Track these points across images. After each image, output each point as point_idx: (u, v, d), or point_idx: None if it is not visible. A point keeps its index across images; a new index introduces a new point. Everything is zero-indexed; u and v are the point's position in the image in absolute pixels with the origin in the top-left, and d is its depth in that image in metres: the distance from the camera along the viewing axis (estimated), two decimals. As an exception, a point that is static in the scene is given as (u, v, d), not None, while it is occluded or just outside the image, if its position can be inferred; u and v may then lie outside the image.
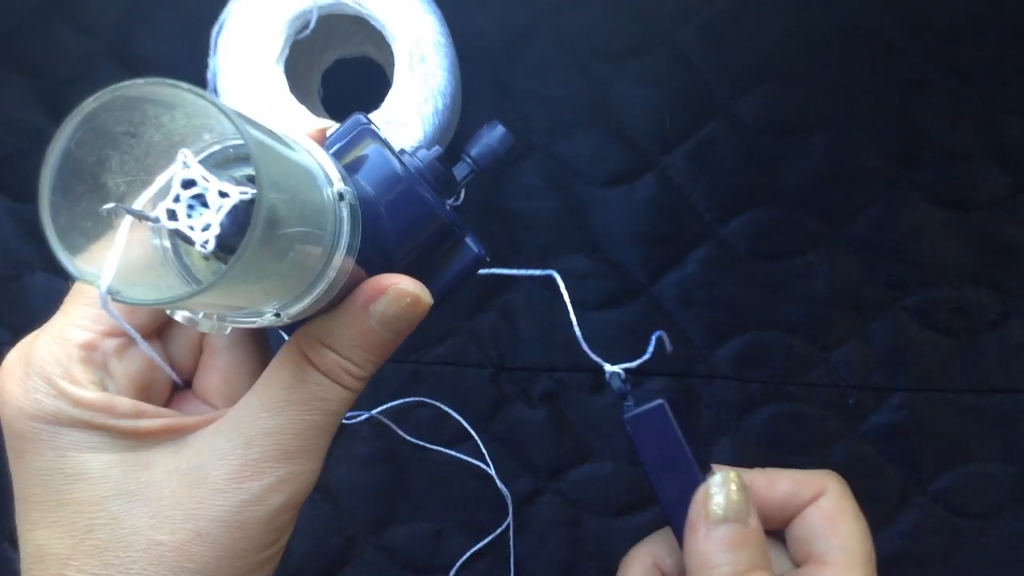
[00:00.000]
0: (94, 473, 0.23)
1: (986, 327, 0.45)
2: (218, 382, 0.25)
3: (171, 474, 0.23)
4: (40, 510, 0.23)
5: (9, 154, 0.47)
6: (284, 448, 0.23)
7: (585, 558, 0.45)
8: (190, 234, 0.19)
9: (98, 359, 0.24)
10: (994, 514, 0.44)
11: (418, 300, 0.24)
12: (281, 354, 0.24)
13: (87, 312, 0.24)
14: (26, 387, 0.23)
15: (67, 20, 0.47)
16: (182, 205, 0.19)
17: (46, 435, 0.23)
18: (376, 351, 0.24)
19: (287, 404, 0.23)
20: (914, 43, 0.45)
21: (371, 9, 0.39)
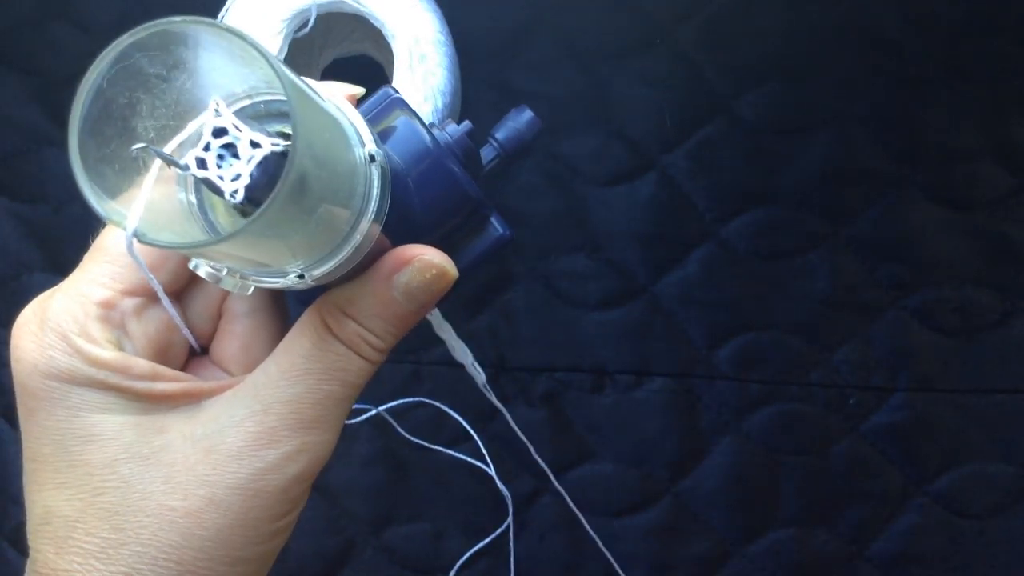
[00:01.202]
0: (106, 435, 0.22)
1: (987, 327, 0.45)
2: (236, 348, 0.25)
3: (186, 439, 0.22)
4: (49, 470, 0.23)
5: (8, 154, 0.47)
6: (301, 417, 0.23)
7: (585, 558, 0.45)
8: (219, 183, 0.18)
9: (116, 318, 0.23)
10: (994, 514, 0.44)
11: (444, 272, 0.23)
12: (301, 322, 0.24)
13: (107, 270, 0.23)
14: (40, 343, 0.22)
15: (66, 20, 0.47)
16: (212, 154, 0.18)
17: (59, 393, 0.22)
18: (398, 323, 0.24)
19: (306, 373, 0.23)
20: (916, 42, 0.45)
21: (370, 7, 0.39)
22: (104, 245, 0.24)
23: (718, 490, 0.45)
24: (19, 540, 0.46)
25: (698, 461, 0.45)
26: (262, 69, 0.18)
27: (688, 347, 0.45)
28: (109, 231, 0.24)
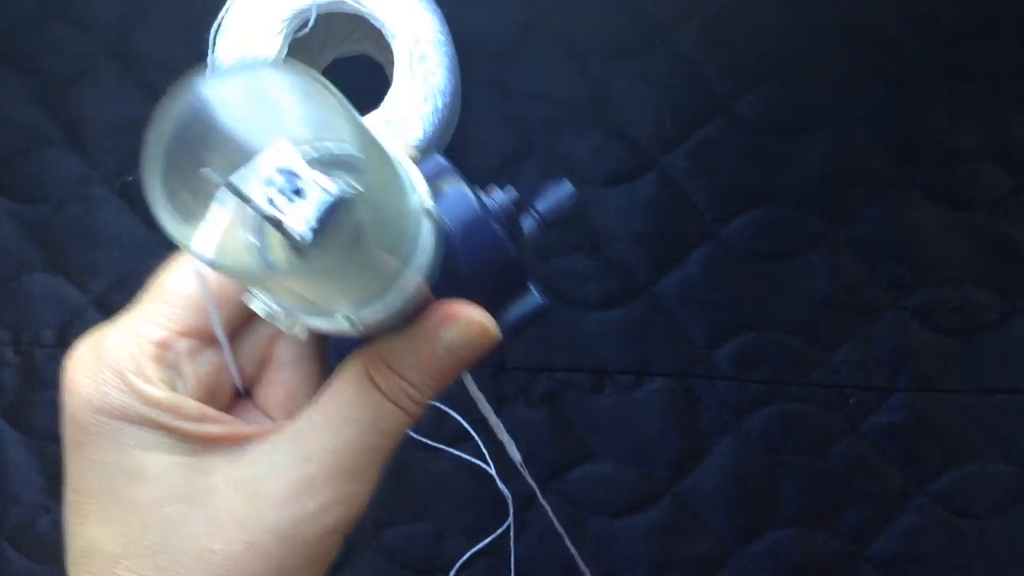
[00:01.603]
0: (154, 473, 0.23)
1: (987, 327, 0.45)
2: (280, 395, 0.25)
3: (229, 483, 0.23)
4: (94, 505, 0.23)
5: (8, 154, 0.47)
6: (342, 467, 0.23)
7: (585, 559, 0.45)
8: (284, 223, 0.18)
9: (171, 358, 0.24)
10: (994, 514, 0.44)
11: (487, 331, 0.24)
12: (344, 371, 0.24)
13: (165, 310, 0.24)
14: (95, 379, 0.23)
15: (66, 19, 0.47)
16: (278, 194, 0.19)
17: (110, 429, 0.23)
18: (438, 377, 0.24)
19: (348, 423, 0.23)
20: (916, 42, 0.45)
21: (370, 7, 0.39)
22: (163, 285, 0.24)
23: (718, 490, 0.45)
24: (19, 540, 0.46)
25: (698, 461, 0.45)
26: (331, 115, 0.19)
27: (688, 347, 0.45)
28: (168, 272, 0.24)
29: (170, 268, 0.24)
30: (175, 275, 0.24)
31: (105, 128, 0.46)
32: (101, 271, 0.46)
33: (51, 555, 0.46)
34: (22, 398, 0.46)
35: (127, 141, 0.46)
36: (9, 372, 0.46)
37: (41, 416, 0.46)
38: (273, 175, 0.19)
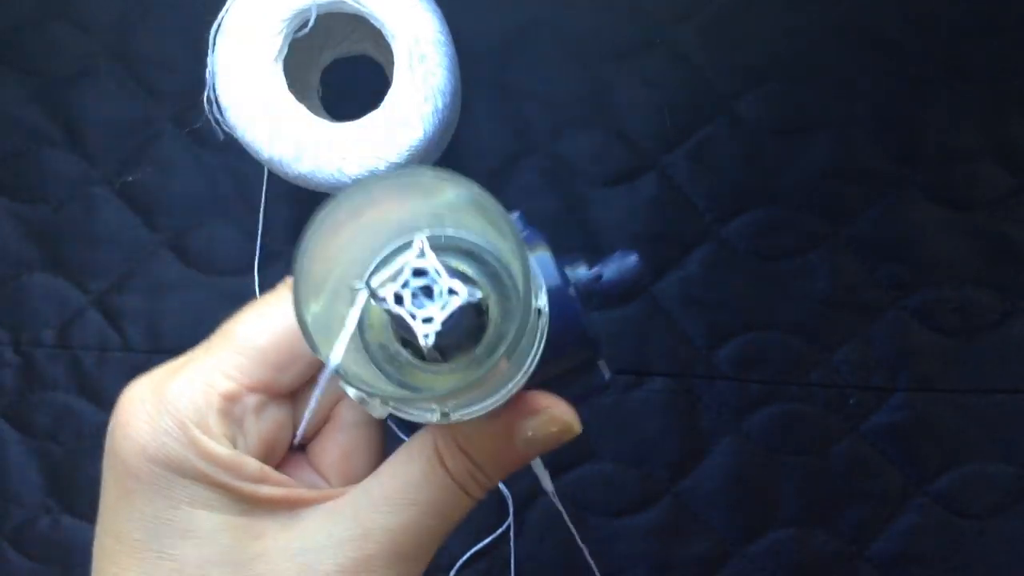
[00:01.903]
0: (203, 533, 0.21)
1: (987, 327, 0.45)
2: (337, 456, 0.24)
3: (281, 552, 0.22)
4: (134, 558, 0.21)
5: (8, 154, 0.47)
6: (399, 549, 0.22)
7: (585, 560, 0.45)
8: (412, 323, 0.18)
9: (237, 413, 0.22)
10: (994, 514, 0.44)
11: (569, 429, 0.23)
12: (412, 448, 0.23)
13: (235, 361, 0.22)
14: (155, 427, 0.21)
15: (66, 19, 0.47)
16: (408, 292, 0.19)
17: (163, 482, 0.21)
18: (510, 467, 0.23)
19: (411, 504, 0.22)
20: (916, 42, 0.45)
21: (370, 7, 0.39)
22: (235, 334, 0.23)
23: (718, 490, 0.45)
24: (19, 541, 0.46)
25: (698, 461, 0.45)
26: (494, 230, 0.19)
27: (688, 347, 0.45)
28: (240, 320, 0.23)
29: (242, 315, 0.23)
30: (247, 324, 0.23)
31: (105, 128, 0.47)
32: (101, 271, 0.46)
33: (51, 555, 0.46)
34: (22, 398, 0.47)
35: (127, 141, 0.47)
36: (9, 372, 0.47)
37: (41, 416, 0.46)
38: (408, 274, 0.19)
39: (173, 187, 0.46)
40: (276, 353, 0.23)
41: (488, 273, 0.20)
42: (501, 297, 0.20)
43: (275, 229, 0.46)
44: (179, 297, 0.46)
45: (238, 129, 0.40)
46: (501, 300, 0.20)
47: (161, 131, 0.46)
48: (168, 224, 0.46)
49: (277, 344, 0.22)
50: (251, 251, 0.46)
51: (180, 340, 0.46)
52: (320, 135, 0.39)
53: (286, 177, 0.40)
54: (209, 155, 0.46)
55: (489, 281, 0.20)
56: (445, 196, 0.20)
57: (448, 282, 0.19)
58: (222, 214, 0.46)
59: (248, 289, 0.46)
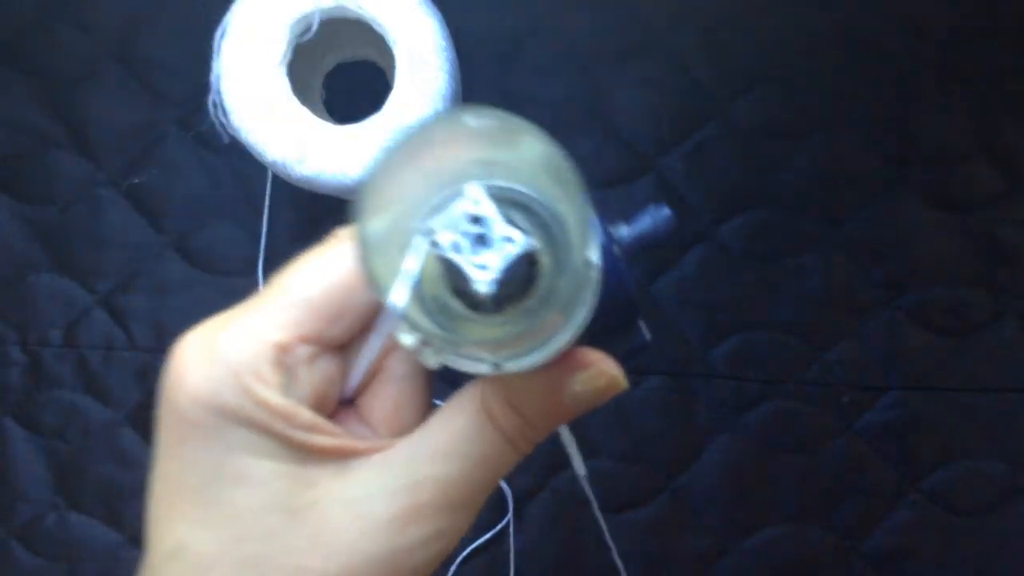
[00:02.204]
0: (258, 480, 0.21)
1: (979, 327, 0.45)
2: (387, 409, 0.24)
3: (334, 499, 0.22)
4: (189, 504, 0.22)
5: (15, 156, 0.47)
6: (450, 499, 0.22)
7: (584, 555, 0.45)
8: (469, 270, 0.18)
9: (290, 363, 0.22)
10: (987, 511, 0.45)
11: (616, 384, 0.23)
12: (461, 400, 0.23)
13: (289, 313, 0.22)
14: (209, 375, 0.21)
15: (70, 21, 0.47)
16: (464, 240, 0.19)
17: (218, 429, 0.21)
18: (556, 421, 0.23)
19: (461, 456, 0.22)
20: (909, 45, 0.46)
21: (373, 13, 0.39)
22: (287, 286, 0.23)
23: (715, 486, 0.45)
24: (27, 537, 0.47)
25: (695, 458, 0.45)
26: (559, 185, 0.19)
27: (685, 346, 0.46)
28: (292, 272, 0.23)
29: (293, 268, 0.23)
30: (299, 276, 0.23)
31: (110, 130, 0.47)
32: (107, 271, 0.47)
33: (58, 552, 0.47)
34: (29, 397, 0.47)
35: (133, 144, 0.47)
36: (16, 371, 0.47)
37: (48, 415, 0.47)
38: (463, 222, 0.19)
39: (178, 189, 0.47)
40: (328, 305, 0.23)
41: (539, 224, 0.20)
42: (552, 249, 0.20)
43: (279, 230, 0.46)
44: (184, 297, 0.47)
45: (242, 132, 0.40)
46: (552, 252, 0.20)
47: (166, 134, 0.47)
48: (173, 225, 0.47)
49: (329, 296, 0.22)
50: (255, 252, 0.46)
51: (185, 339, 0.46)
52: (323, 138, 0.39)
53: (289, 179, 0.41)
54: (214, 157, 0.46)
55: (540, 232, 0.20)
56: (512, 143, 0.20)
57: (505, 230, 0.19)
58: (226, 215, 0.46)
59: (252, 289, 0.46)
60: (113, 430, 0.47)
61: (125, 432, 0.47)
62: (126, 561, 0.46)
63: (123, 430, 0.47)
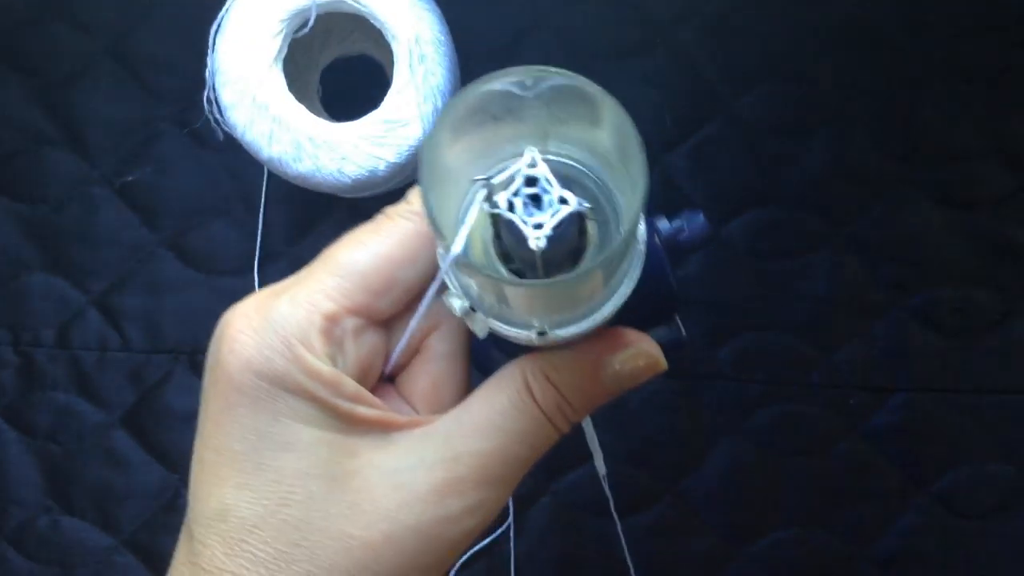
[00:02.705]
0: (302, 446, 0.22)
1: (987, 327, 0.45)
2: (427, 386, 0.25)
3: (375, 469, 0.22)
4: (234, 468, 0.22)
5: (7, 153, 0.47)
6: (488, 473, 0.23)
7: (585, 559, 0.45)
8: (523, 228, 0.19)
9: (337, 334, 0.23)
10: (994, 514, 0.44)
11: (656, 364, 0.23)
12: (501, 378, 0.24)
13: (338, 284, 0.23)
14: (260, 342, 0.22)
15: (65, 19, 0.47)
16: (520, 200, 0.19)
17: (266, 395, 0.22)
18: (596, 400, 0.24)
19: (500, 431, 0.23)
20: (916, 42, 0.45)
21: (371, 7, 0.39)
22: (337, 259, 0.24)
23: (719, 489, 0.45)
24: (19, 540, 0.46)
25: (699, 461, 0.45)
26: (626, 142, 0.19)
27: (690, 347, 0.45)
28: (342, 245, 0.24)
29: (344, 241, 0.24)
30: (349, 249, 0.24)
31: (104, 128, 0.47)
32: (101, 271, 0.46)
33: (50, 555, 0.46)
34: (22, 398, 0.47)
35: (127, 141, 0.47)
36: (9, 372, 0.47)
37: (41, 416, 0.46)
38: (520, 182, 0.19)
39: (173, 187, 0.46)
40: (376, 278, 0.23)
41: (588, 198, 0.21)
42: (599, 221, 0.21)
43: (275, 229, 0.46)
44: (179, 297, 0.46)
45: (238, 129, 0.40)
46: (599, 224, 0.21)
47: (161, 131, 0.46)
48: (168, 224, 0.46)
49: (378, 270, 0.23)
50: (251, 251, 0.46)
51: (180, 339, 0.46)
52: (320, 135, 0.39)
53: (286, 177, 0.40)
54: (209, 155, 0.46)
55: (589, 203, 0.21)
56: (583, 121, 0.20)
57: (559, 191, 0.19)
58: (222, 214, 0.46)
59: (248, 289, 0.45)
60: (106, 432, 0.46)
61: (118, 434, 0.46)
62: (119, 564, 0.46)
63: (116, 432, 0.46)
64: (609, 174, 0.21)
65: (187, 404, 0.46)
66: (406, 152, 0.39)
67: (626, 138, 0.20)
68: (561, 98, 0.20)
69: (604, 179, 0.21)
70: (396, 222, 0.24)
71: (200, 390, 0.23)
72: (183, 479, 0.46)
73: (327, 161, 0.39)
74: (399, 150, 0.39)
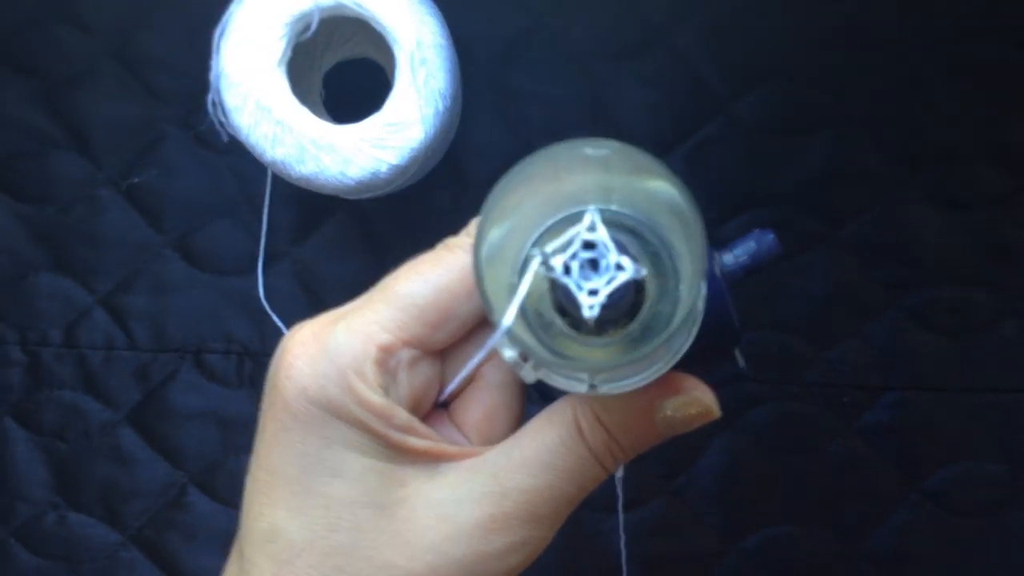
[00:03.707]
0: (352, 474, 0.22)
1: (984, 327, 0.45)
2: (479, 416, 0.25)
3: (423, 500, 0.23)
4: (286, 491, 0.23)
5: (13, 155, 0.47)
6: (534, 511, 0.23)
7: (584, 554, 0.45)
8: (577, 295, 0.19)
9: (392, 365, 0.23)
10: (988, 513, 0.45)
11: (709, 413, 0.23)
12: (552, 415, 0.24)
13: (395, 316, 0.23)
14: (316, 370, 0.23)
15: (67, 20, 0.47)
16: (576, 263, 0.19)
17: (319, 422, 0.22)
18: (645, 443, 0.24)
19: (548, 468, 0.23)
20: (915, 42, 0.45)
21: (373, 11, 0.39)
22: (395, 290, 0.24)
23: (714, 487, 0.45)
24: (26, 537, 0.47)
25: (695, 458, 0.45)
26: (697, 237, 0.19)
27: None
28: (401, 276, 0.24)
29: (403, 271, 0.24)
30: (407, 281, 0.24)
31: (109, 129, 0.47)
32: (107, 271, 0.47)
33: (57, 552, 0.47)
34: (29, 397, 0.47)
35: (132, 143, 0.47)
36: (16, 371, 0.47)
37: (48, 414, 0.47)
38: (578, 246, 0.19)
39: (178, 189, 0.47)
40: (433, 311, 0.23)
41: (647, 251, 0.21)
42: (658, 275, 0.21)
43: (278, 230, 0.46)
44: (184, 297, 0.46)
45: (242, 131, 0.40)
46: (658, 278, 0.21)
47: (165, 133, 0.47)
48: (173, 225, 0.47)
49: (435, 303, 0.23)
50: (255, 252, 0.46)
51: (185, 338, 0.46)
52: (323, 137, 0.39)
53: (289, 179, 0.41)
54: (213, 157, 0.46)
55: (648, 259, 0.21)
56: (644, 182, 0.20)
57: (616, 257, 0.19)
58: (226, 215, 0.46)
59: (252, 289, 0.46)
60: (113, 430, 0.47)
61: (125, 432, 0.47)
62: (125, 560, 0.46)
63: (123, 430, 0.47)
64: (670, 233, 0.21)
65: (192, 402, 0.46)
66: (408, 154, 0.40)
67: (684, 213, 0.20)
68: (627, 167, 0.20)
69: (665, 235, 0.21)
70: (456, 254, 0.24)
71: (205, 389, 0.23)
72: (188, 476, 0.46)
73: (330, 163, 0.39)
74: (401, 152, 0.40)
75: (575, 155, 0.20)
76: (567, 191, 0.20)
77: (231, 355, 0.46)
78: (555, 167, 0.20)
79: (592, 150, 0.19)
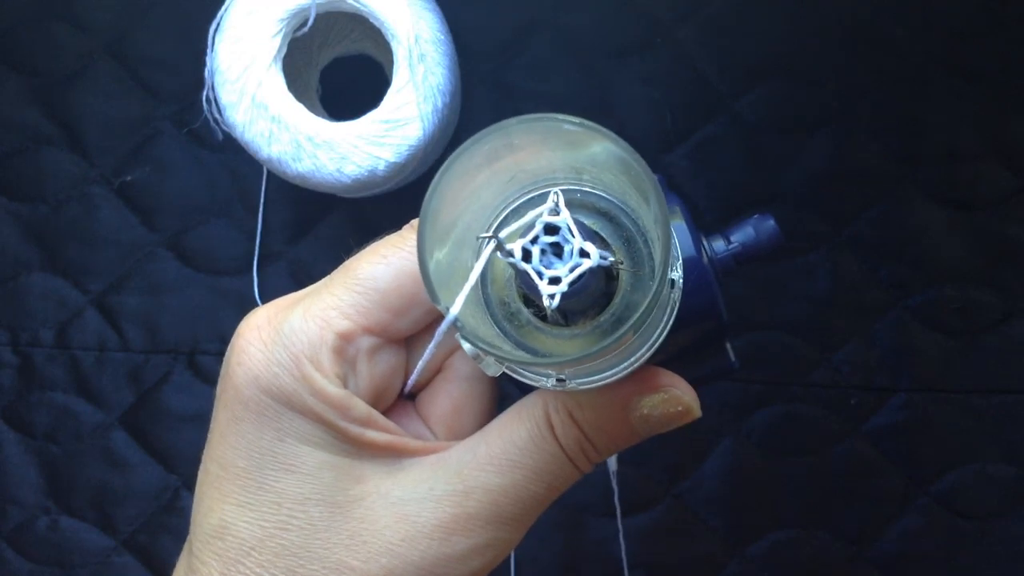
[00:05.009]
0: (306, 469, 0.21)
1: (989, 327, 0.45)
2: (446, 408, 0.24)
3: (381, 498, 0.21)
4: (236, 485, 0.21)
5: (6, 153, 0.47)
6: (499, 512, 0.22)
7: (586, 560, 0.45)
8: (537, 282, 0.18)
9: (350, 353, 0.22)
10: (996, 515, 0.44)
11: (689, 411, 0.22)
12: (521, 410, 0.22)
13: (355, 300, 0.22)
14: (269, 357, 0.21)
15: (64, 18, 0.47)
16: (537, 248, 0.18)
17: (272, 413, 0.21)
18: (621, 443, 0.22)
19: (516, 466, 0.22)
20: (917, 41, 0.45)
21: (370, 6, 0.39)
22: (356, 272, 0.22)
23: (718, 490, 0.45)
24: (18, 541, 0.46)
25: (699, 462, 0.45)
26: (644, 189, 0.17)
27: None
28: (362, 259, 0.22)
29: (365, 254, 0.23)
30: (369, 264, 0.22)
31: (103, 128, 0.46)
32: (100, 271, 0.46)
33: (49, 555, 0.46)
34: (21, 398, 0.46)
35: (126, 141, 0.46)
36: (7, 372, 0.46)
37: (40, 416, 0.46)
38: (539, 230, 0.18)
39: (172, 187, 0.46)
40: (396, 296, 0.22)
41: (622, 237, 0.19)
42: (633, 263, 0.19)
43: (274, 229, 0.46)
44: (177, 297, 0.46)
45: (237, 128, 0.40)
46: (633, 266, 0.19)
47: (160, 131, 0.46)
48: (167, 224, 0.46)
49: (398, 287, 0.22)
50: (250, 251, 0.46)
51: (179, 339, 0.46)
52: (319, 135, 0.39)
53: (285, 177, 0.40)
54: (208, 155, 0.46)
55: (622, 245, 0.19)
56: (590, 149, 0.18)
57: (580, 243, 0.18)
58: (221, 214, 0.46)
59: (247, 289, 0.45)
60: (105, 432, 0.46)
61: (117, 434, 0.46)
62: (118, 565, 0.46)
63: (115, 432, 0.46)
64: (643, 212, 0.19)
65: (186, 404, 0.46)
66: (406, 152, 0.39)
67: (639, 182, 0.18)
68: (576, 137, 0.19)
69: (639, 217, 0.20)
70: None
71: (199, 390, 0.22)
72: (182, 479, 0.46)
73: (326, 161, 0.39)
74: (398, 150, 0.39)
75: (534, 129, 0.18)
76: (532, 169, 0.19)
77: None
78: (512, 144, 0.18)
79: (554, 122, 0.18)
